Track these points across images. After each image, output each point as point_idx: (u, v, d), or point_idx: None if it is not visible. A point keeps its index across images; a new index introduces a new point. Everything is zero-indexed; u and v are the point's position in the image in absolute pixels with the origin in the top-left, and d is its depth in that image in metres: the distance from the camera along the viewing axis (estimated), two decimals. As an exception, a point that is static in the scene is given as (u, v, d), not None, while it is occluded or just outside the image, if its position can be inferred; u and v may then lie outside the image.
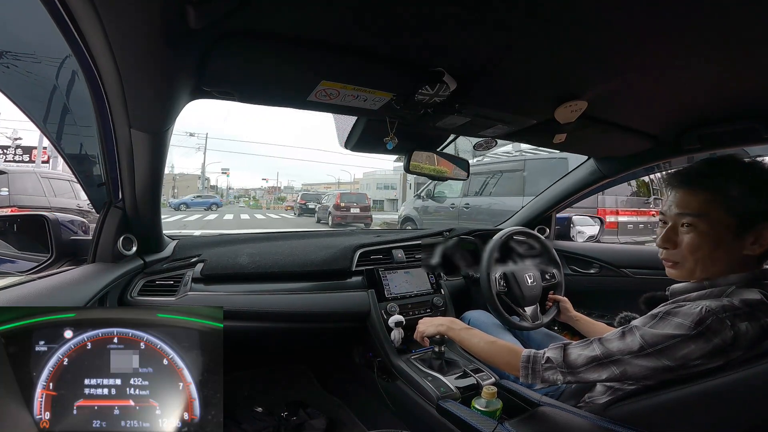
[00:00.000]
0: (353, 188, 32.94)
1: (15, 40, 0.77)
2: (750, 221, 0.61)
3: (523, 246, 1.29)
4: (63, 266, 1.06)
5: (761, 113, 0.92)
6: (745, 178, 0.63)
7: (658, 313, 0.64)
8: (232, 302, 1.11)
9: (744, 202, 0.61)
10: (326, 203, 12.98)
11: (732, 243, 0.63)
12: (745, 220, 0.61)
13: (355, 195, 12.68)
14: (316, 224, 12.56)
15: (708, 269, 0.66)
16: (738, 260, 0.64)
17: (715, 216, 0.63)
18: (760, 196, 0.61)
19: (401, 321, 1.17)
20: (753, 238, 0.62)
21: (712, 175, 0.65)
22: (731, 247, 0.63)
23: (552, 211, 1.68)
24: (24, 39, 0.76)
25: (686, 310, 0.61)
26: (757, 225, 0.61)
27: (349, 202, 11.65)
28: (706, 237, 0.64)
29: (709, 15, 0.54)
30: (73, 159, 0.99)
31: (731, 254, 0.64)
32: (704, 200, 0.64)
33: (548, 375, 0.72)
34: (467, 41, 0.62)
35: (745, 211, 0.61)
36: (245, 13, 0.52)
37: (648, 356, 0.62)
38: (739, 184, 0.62)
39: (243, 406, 1.36)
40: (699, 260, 0.66)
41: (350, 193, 13.38)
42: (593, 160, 1.44)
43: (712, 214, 0.63)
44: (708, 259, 0.65)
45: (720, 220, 0.63)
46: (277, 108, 0.87)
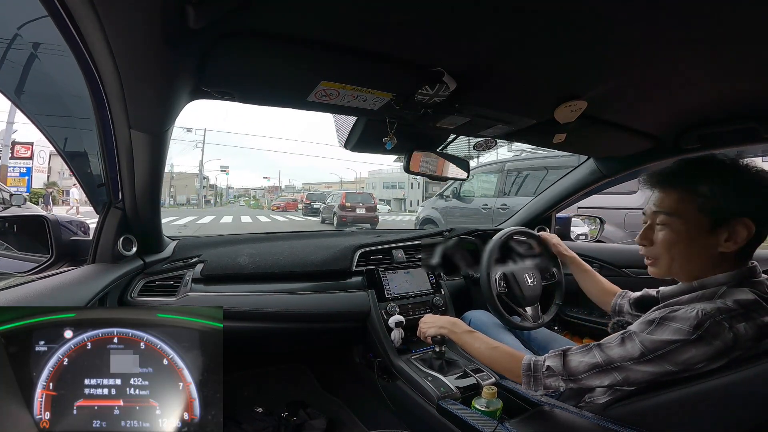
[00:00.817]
0: (358, 188, 32.69)
1: (15, 40, 0.77)
2: (722, 218, 0.62)
3: (523, 246, 1.29)
4: (63, 267, 1.06)
5: (761, 113, 0.92)
6: (716, 176, 0.64)
7: (655, 318, 0.64)
8: (232, 302, 1.11)
9: (715, 201, 0.62)
10: (331, 203, 12.63)
11: (706, 240, 0.64)
12: (718, 218, 0.62)
13: (361, 195, 12.48)
14: (320, 225, 12.29)
15: (684, 266, 0.68)
16: (714, 257, 0.65)
17: (688, 214, 0.65)
18: (730, 194, 0.62)
19: (401, 321, 1.17)
20: (726, 235, 0.62)
21: (685, 175, 0.67)
22: (705, 245, 0.64)
23: (552, 211, 1.68)
24: (24, 39, 0.76)
25: (683, 314, 0.61)
26: (731, 222, 0.62)
27: (355, 202, 11.43)
28: (680, 234, 0.66)
29: (709, 15, 0.54)
30: (73, 159, 0.99)
31: (706, 251, 0.65)
32: (677, 199, 0.66)
33: (550, 382, 0.72)
34: (467, 41, 0.62)
35: (717, 209, 0.62)
36: (245, 13, 0.52)
37: (649, 362, 0.62)
38: (710, 182, 0.63)
39: (243, 406, 1.36)
40: (674, 257, 0.67)
41: (356, 193, 13.10)
42: (593, 160, 1.44)
43: (685, 212, 0.65)
44: (683, 256, 0.67)
45: (692, 218, 0.64)
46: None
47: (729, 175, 0.64)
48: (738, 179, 0.63)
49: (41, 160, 17.97)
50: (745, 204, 0.61)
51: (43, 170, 18.58)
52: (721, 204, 0.62)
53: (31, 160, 16.29)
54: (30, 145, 15.99)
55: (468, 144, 1.28)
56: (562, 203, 1.64)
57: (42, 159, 18.03)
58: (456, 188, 5.43)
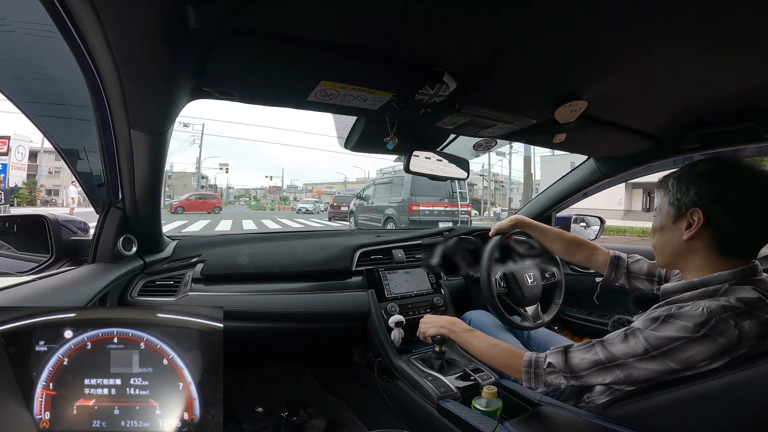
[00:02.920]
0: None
1: (15, 41, 0.77)
2: (681, 209, 0.68)
3: (523, 246, 1.29)
4: (63, 266, 1.06)
5: (761, 113, 0.92)
6: (681, 173, 0.70)
7: (660, 315, 0.64)
8: (232, 302, 1.11)
9: (675, 194, 0.69)
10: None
11: (673, 230, 0.70)
12: (679, 209, 0.69)
13: (345, 197, 12.24)
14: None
15: (662, 253, 0.74)
16: (681, 247, 0.69)
17: (663, 207, 0.72)
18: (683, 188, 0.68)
19: (401, 321, 1.17)
20: (686, 224, 0.67)
21: (669, 176, 0.74)
22: (673, 234, 0.70)
23: (552, 210, 1.68)
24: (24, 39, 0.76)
25: (688, 311, 0.61)
26: (686, 212, 0.67)
27: (341, 202, 11.40)
28: (659, 225, 0.74)
29: (708, 15, 0.54)
30: (73, 159, 0.99)
31: (673, 239, 0.70)
32: (661, 196, 0.74)
33: (551, 379, 0.72)
34: (467, 41, 0.62)
35: (677, 201, 0.69)
36: (245, 13, 0.52)
37: (653, 359, 0.62)
38: (675, 178, 0.70)
39: (243, 406, 1.36)
40: (656, 245, 0.75)
41: (342, 196, 12.97)
42: (593, 160, 1.44)
43: (662, 206, 0.73)
44: (660, 243, 0.74)
45: (665, 210, 0.72)
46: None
47: (685, 170, 0.70)
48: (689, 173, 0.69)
49: (20, 156, 16.84)
50: (694, 195, 0.66)
51: (21, 167, 17.39)
52: (678, 196, 0.69)
53: (6, 155, 14.83)
54: (6, 139, 14.64)
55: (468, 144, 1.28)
56: (562, 203, 1.64)
57: (20, 155, 16.90)
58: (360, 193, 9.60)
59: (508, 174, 24.05)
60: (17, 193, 13.03)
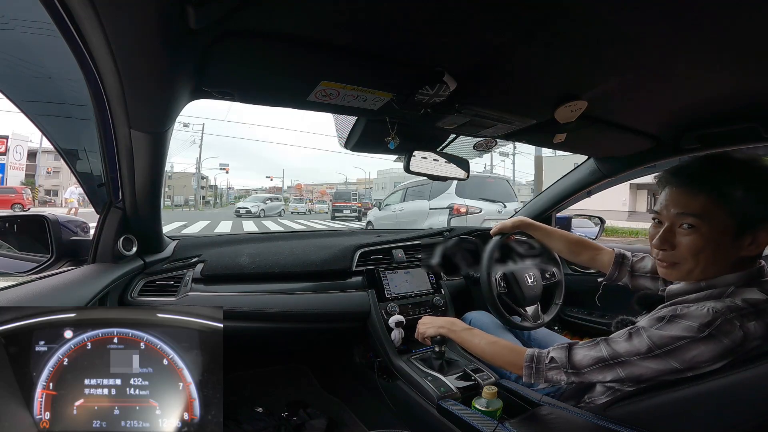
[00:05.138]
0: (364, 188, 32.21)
1: (14, 41, 0.77)
2: (749, 223, 0.61)
3: (524, 246, 1.29)
4: (63, 266, 1.06)
5: (761, 113, 0.92)
6: (748, 180, 0.62)
7: (665, 315, 0.63)
8: (232, 302, 1.11)
9: (744, 204, 0.60)
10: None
11: (731, 245, 0.62)
12: (745, 222, 0.61)
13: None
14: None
15: (707, 271, 0.65)
16: (735, 261, 0.64)
17: (718, 218, 0.62)
18: (759, 198, 0.61)
19: (401, 321, 1.17)
20: (750, 240, 0.61)
21: (714, 175, 0.64)
22: (730, 249, 0.62)
23: (552, 210, 1.68)
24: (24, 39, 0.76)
25: (694, 311, 0.61)
26: (756, 227, 0.61)
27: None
28: (708, 239, 0.62)
29: (708, 15, 0.54)
30: (72, 159, 0.99)
31: (729, 256, 0.63)
32: (706, 201, 0.62)
33: (552, 375, 0.72)
34: (467, 41, 0.62)
35: (745, 213, 0.61)
36: (245, 13, 0.52)
37: (656, 358, 0.62)
38: (740, 185, 0.61)
39: (243, 406, 1.36)
40: (700, 262, 0.64)
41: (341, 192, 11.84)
42: (593, 160, 1.44)
43: (714, 216, 0.62)
44: (707, 261, 0.64)
45: (721, 222, 0.61)
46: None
47: (760, 180, 0.62)
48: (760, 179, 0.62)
49: (18, 155, 16.64)
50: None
51: (19, 167, 17.22)
52: (752, 209, 0.60)
53: (5, 155, 14.58)
54: (4, 138, 14.41)
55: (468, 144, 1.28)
56: (562, 203, 1.64)
57: (19, 155, 16.70)
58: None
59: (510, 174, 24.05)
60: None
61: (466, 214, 5.39)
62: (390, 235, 1.52)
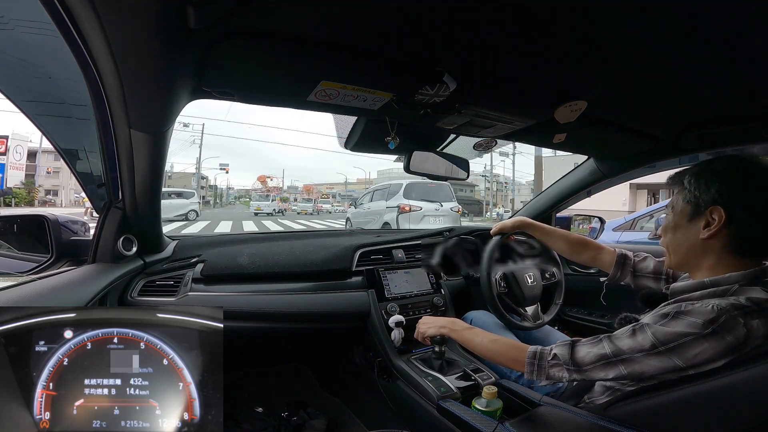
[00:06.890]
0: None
1: (15, 41, 0.77)
2: (699, 207, 0.67)
3: (523, 246, 1.29)
4: (63, 266, 1.06)
5: (761, 113, 0.92)
6: (699, 170, 0.69)
7: (669, 312, 0.64)
8: (232, 302, 1.11)
9: (691, 191, 0.68)
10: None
11: (688, 228, 0.69)
12: (698, 207, 0.67)
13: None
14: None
15: (676, 253, 0.73)
16: (697, 246, 0.68)
17: (677, 205, 0.71)
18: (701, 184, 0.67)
19: (401, 321, 1.17)
20: (704, 223, 0.66)
21: (684, 172, 0.72)
22: (688, 232, 0.69)
23: (552, 210, 1.68)
24: (24, 39, 0.76)
25: (698, 308, 0.61)
26: (706, 210, 0.66)
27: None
28: (674, 223, 0.72)
29: (709, 15, 0.54)
30: (72, 159, 0.99)
31: (689, 239, 0.69)
32: (675, 192, 0.73)
33: (554, 372, 0.72)
34: (467, 41, 0.62)
35: (694, 198, 0.67)
36: (245, 13, 0.52)
37: (659, 355, 0.62)
38: (693, 175, 0.69)
39: (243, 406, 1.36)
40: (669, 244, 0.73)
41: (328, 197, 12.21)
42: (593, 160, 1.44)
43: (675, 204, 0.72)
44: (673, 243, 0.72)
45: (679, 208, 0.70)
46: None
47: (703, 167, 0.69)
48: (708, 170, 0.68)
49: (18, 155, 16.54)
50: (715, 192, 0.65)
51: (19, 167, 17.16)
52: (696, 193, 0.67)
53: (5, 155, 14.44)
54: (4, 138, 14.27)
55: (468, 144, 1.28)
56: (562, 203, 1.64)
57: (19, 155, 16.61)
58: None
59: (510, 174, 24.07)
60: (8, 196, 12.69)
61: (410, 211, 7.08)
62: (390, 235, 1.52)
